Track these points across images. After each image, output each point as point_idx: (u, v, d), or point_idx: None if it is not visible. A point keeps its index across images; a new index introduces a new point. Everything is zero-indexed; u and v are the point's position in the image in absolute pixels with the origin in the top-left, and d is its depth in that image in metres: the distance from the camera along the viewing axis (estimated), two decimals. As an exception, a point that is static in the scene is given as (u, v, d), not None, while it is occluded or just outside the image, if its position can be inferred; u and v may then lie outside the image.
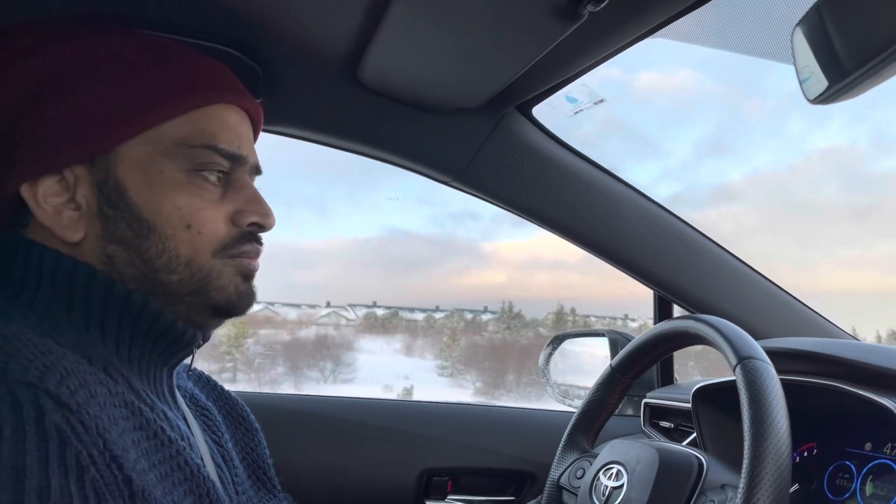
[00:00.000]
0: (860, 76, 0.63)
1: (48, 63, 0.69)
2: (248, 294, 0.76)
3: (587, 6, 0.77)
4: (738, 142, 18.21)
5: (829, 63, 0.66)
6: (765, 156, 19.97)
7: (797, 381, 0.98)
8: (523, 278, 16.83)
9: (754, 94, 17.83)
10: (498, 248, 19.53)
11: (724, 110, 17.10)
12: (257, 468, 0.88)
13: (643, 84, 6.67)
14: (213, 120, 0.73)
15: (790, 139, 19.01)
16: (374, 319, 12.46)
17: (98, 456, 0.54)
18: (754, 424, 0.73)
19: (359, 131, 1.16)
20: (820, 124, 15.80)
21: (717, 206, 22.76)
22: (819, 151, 16.40)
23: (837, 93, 0.67)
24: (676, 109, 14.75)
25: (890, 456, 0.93)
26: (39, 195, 0.68)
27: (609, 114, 7.43)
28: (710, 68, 16.78)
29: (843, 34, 0.64)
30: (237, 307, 0.75)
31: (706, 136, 18.48)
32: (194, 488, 0.64)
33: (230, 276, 0.73)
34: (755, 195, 16.23)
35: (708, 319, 0.88)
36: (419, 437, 1.38)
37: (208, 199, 0.72)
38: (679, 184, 25.89)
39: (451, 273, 16.72)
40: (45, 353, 0.56)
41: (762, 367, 0.78)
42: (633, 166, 8.04)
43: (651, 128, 17.46)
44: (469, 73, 1.00)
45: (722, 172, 19.98)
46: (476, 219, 20.54)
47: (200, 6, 0.91)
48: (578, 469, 1.02)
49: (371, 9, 0.87)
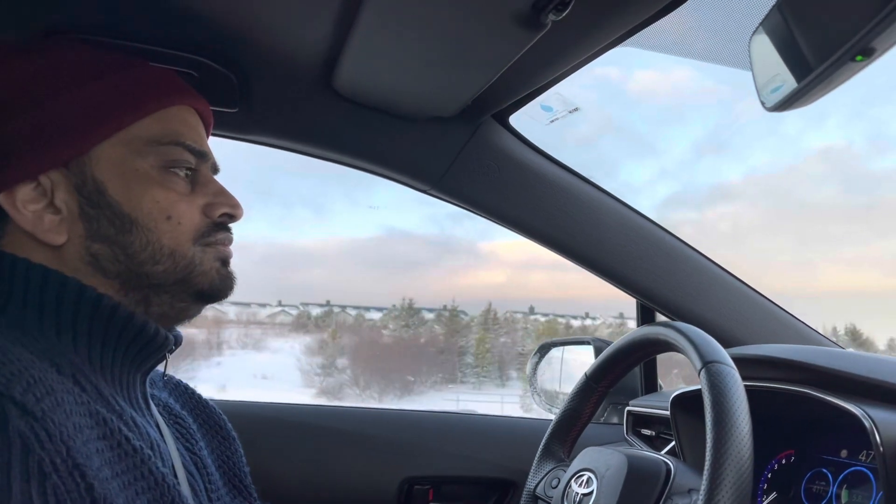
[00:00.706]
0: (812, 81, 0.63)
1: (12, 77, 0.71)
2: (229, 277, 0.80)
3: (549, 15, 0.78)
4: (736, 141, 18.23)
5: (793, 61, 0.66)
6: (762, 155, 20.00)
7: (770, 388, 0.98)
8: (491, 278, 16.74)
9: (751, 93, 17.92)
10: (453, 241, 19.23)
11: (721, 109, 17.12)
12: (233, 476, 0.89)
13: (639, 83, 6.68)
14: (177, 120, 0.77)
15: (787, 138, 19.06)
16: (307, 318, 12.38)
17: (61, 463, 0.55)
18: (716, 426, 0.73)
19: (335, 140, 1.17)
20: (817, 123, 15.57)
21: (714, 205, 22.75)
22: (816, 151, 16.44)
23: (792, 98, 0.67)
24: (673, 108, 14.72)
25: (865, 463, 0.93)
26: (18, 202, 0.69)
27: (605, 114, 7.28)
28: (705, 66, 16.88)
29: (798, 39, 0.65)
30: (220, 290, 0.79)
31: (703, 136, 18.46)
32: (160, 496, 0.65)
33: (210, 261, 0.77)
34: (753, 195, 16.21)
35: (676, 325, 0.88)
36: (401, 445, 1.37)
37: (181, 193, 0.75)
38: (677, 183, 25.79)
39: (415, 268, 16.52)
40: (13, 361, 0.57)
41: (725, 371, 0.78)
42: (629, 166, 8.01)
43: (647, 127, 17.27)
44: (440, 81, 1.00)
45: (719, 172, 19.90)
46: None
47: (175, 17, 0.93)
48: (554, 478, 1.02)
49: (341, 17, 0.88)
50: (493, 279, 15.55)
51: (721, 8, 0.85)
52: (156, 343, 0.74)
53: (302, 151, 1.19)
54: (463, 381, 12.31)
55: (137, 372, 0.75)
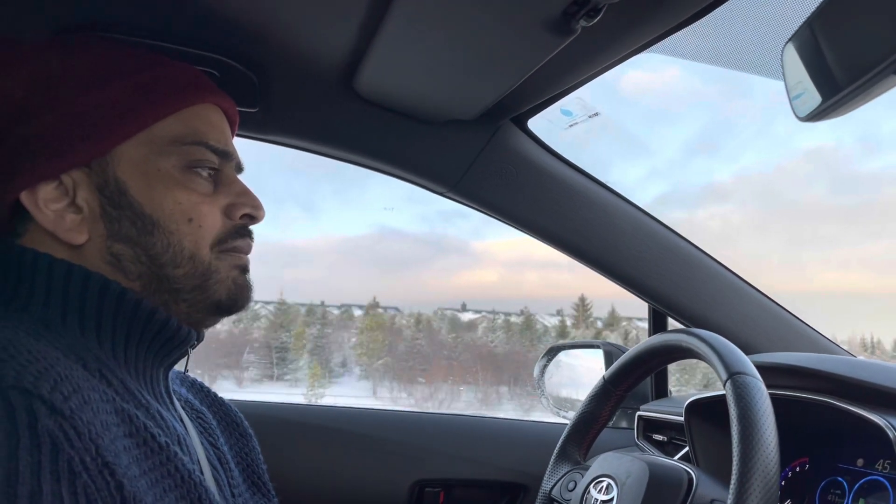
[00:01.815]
0: (848, 94, 0.63)
1: (36, 75, 0.70)
2: (247, 287, 0.79)
3: (580, 21, 0.77)
4: (726, 141, 18.24)
5: (819, 80, 0.66)
6: (752, 155, 20.01)
7: (790, 397, 0.98)
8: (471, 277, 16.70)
9: (741, 94, 17.84)
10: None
11: (712, 109, 17.08)
12: (252, 472, 0.89)
13: (630, 83, 6.63)
14: (200, 119, 0.76)
15: (777, 139, 19.08)
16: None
17: (90, 462, 0.54)
18: (743, 440, 0.73)
19: (354, 141, 1.16)
20: (806, 124, 15.88)
21: (705, 205, 22.76)
22: (805, 151, 16.40)
23: (827, 110, 0.67)
24: (664, 108, 14.64)
25: (882, 472, 0.93)
26: (40, 201, 0.69)
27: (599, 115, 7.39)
28: (696, 67, 16.92)
29: (833, 52, 0.65)
30: (237, 301, 0.78)
31: (694, 136, 18.44)
32: (186, 493, 0.65)
33: (227, 269, 0.76)
34: (743, 195, 16.23)
35: (700, 334, 0.88)
36: (412, 448, 1.37)
37: (203, 194, 0.74)
38: (667, 183, 25.72)
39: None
40: (39, 359, 0.57)
41: (752, 383, 0.78)
42: (621, 165, 7.97)
43: (638, 127, 17.02)
44: (464, 85, 1.00)
45: (710, 172, 19.89)
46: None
47: (198, 16, 0.92)
48: (570, 481, 1.02)
49: (367, 20, 0.88)
50: (486, 278, 15.55)
51: (752, 16, 0.85)
52: (179, 338, 0.74)
53: (320, 152, 1.18)
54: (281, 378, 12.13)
55: (160, 367, 0.75)
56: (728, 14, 0.83)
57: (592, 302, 12.61)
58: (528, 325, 13.05)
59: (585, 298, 13.75)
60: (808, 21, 0.66)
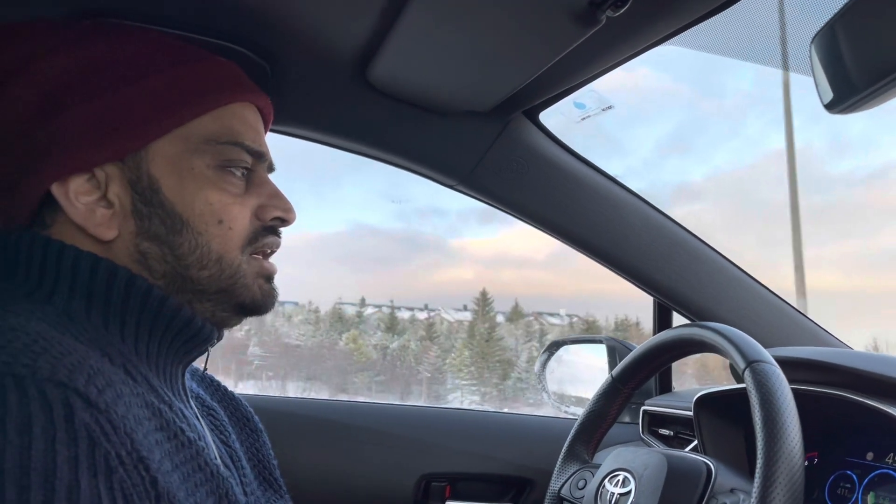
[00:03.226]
0: (873, 92, 0.63)
1: (73, 62, 0.69)
2: (272, 294, 0.78)
3: (606, 11, 0.77)
4: (698, 140, 18.40)
5: (841, 79, 0.67)
6: (724, 155, 20.11)
7: (801, 391, 0.99)
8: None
9: (712, 93, 17.97)
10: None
11: (684, 108, 17.20)
12: (263, 468, 0.88)
13: (603, 79, 6.74)
14: (236, 117, 0.75)
15: (748, 139, 19.20)
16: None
17: (126, 456, 0.54)
18: (766, 426, 0.73)
19: (366, 133, 1.16)
20: (777, 124, 15.60)
21: (680, 204, 22.84)
22: (776, 151, 16.60)
23: (854, 105, 0.67)
24: (637, 106, 14.65)
25: (892, 466, 0.93)
26: (71, 193, 0.68)
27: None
28: (667, 65, 16.77)
29: (857, 52, 0.65)
30: (262, 306, 0.77)
31: (667, 134, 18.46)
32: (215, 489, 0.64)
33: (254, 276, 0.75)
34: (715, 194, 16.33)
35: (714, 326, 0.88)
36: (418, 442, 1.37)
37: (235, 195, 0.73)
38: (643, 182, 25.83)
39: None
40: (71, 352, 0.56)
41: (771, 370, 0.79)
42: (596, 162, 8.16)
43: (614, 124, 17.14)
44: (480, 77, 1.00)
45: (683, 171, 19.98)
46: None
47: (210, 4, 0.91)
48: (580, 480, 1.02)
49: (386, 9, 0.87)
50: (463, 276, 15.60)
51: (771, 10, 0.85)
52: (202, 336, 0.73)
53: (332, 143, 1.17)
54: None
55: (180, 364, 0.74)
56: (748, 8, 0.83)
57: (522, 298, 12.70)
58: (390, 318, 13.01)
59: (487, 293, 13.94)
60: (830, 22, 0.67)
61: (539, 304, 11.59)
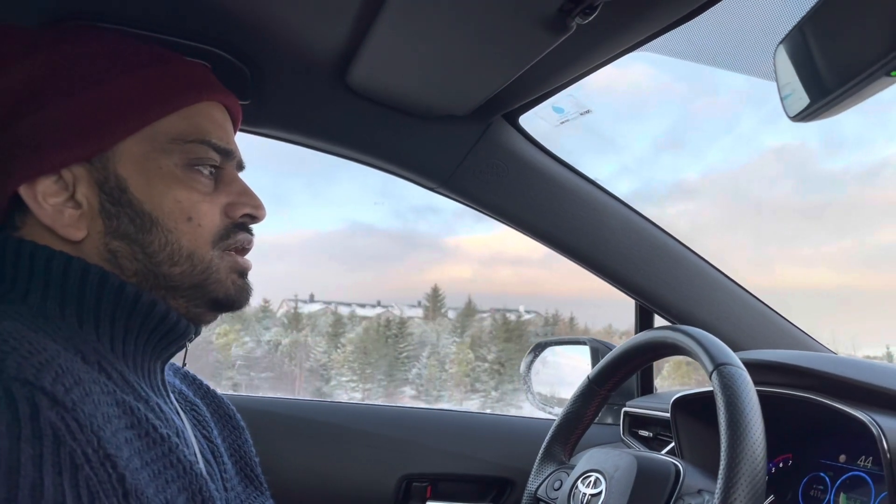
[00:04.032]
0: (840, 95, 0.64)
1: (39, 66, 0.69)
2: (246, 289, 0.78)
3: (575, 19, 0.78)
4: (693, 138, 18.30)
5: (811, 81, 0.67)
6: (719, 153, 20.08)
7: (774, 393, 1.00)
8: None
9: (709, 92, 18.01)
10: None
11: (679, 106, 17.09)
12: (245, 465, 0.89)
13: (597, 77, 6.71)
14: (203, 116, 0.75)
15: (742, 137, 19.15)
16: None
17: (92, 454, 0.54)
18: (730, 427, 0.74)
19: (346, 136, 1.16)
20: (772, 121, 15.43)
21: (674, 203, 22.88)
22: (771, 149, 16.52)
23: (818, 111, 0.68)
24: (632, 105, 14.59)
25: (863, 468, 0.94)
26: (39, 195, 0.68)
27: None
28: (662, 64, 16.78)
29: (825, 54, 0.66)
30: (236, 301, 0.78)
31: (662, 133, 18.40)
32: (187, 485, 0.65)
33: (227, 271, 0.75)
34: (711, 192, 16.31)
35: (684, 329, 0.89)
36: (399, 442, 1.38)
37: (203, 193, 0.74)
38: (638, 180, 25.53)
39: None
40: (40, 351, 0.57)
41: (737, 373, 0.79)
42: (590, 161, 7.96)
43: (608, 122, 16.68)
44: (457, 80, 1.00)
45: (678, 169, 19.88)
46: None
47: (190, 7, 0.91)
48: (556, 480, 1.03)
49: (362, 14, 0.88)
50: (460, 274, 15.51)
51: (744, 16, 0.86)
52: (178, 331, 0.74)
53: (311, 146, 1.18)
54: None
55: (158, 360, 0.75)
56: (721, 14, 0.84)
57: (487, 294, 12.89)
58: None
59: (438, 290, 14.11)
60: (799, 24, 0.67)
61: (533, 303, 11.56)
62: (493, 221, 1.30)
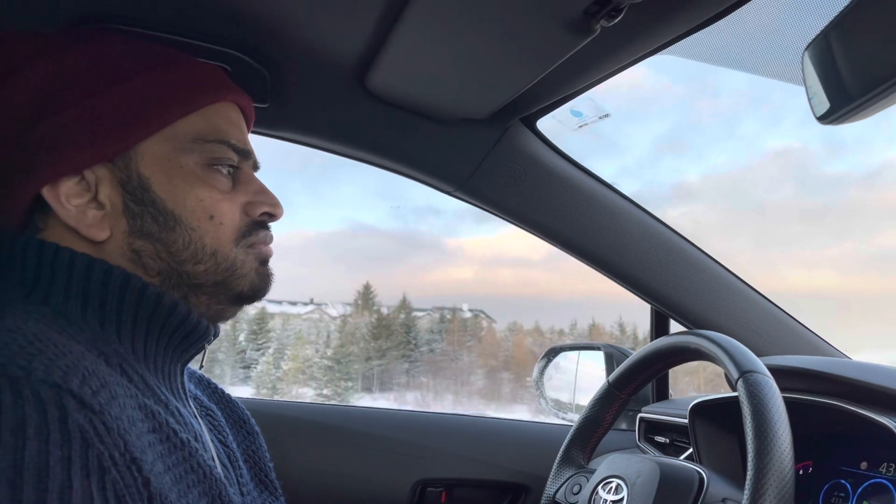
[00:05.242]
0: (866, 101, 0.63)
1: (60, 67, 0.70)
2: (268, 277, 0.79)
3: (600, 21, 0.77)
4: (695, 140, 18.32)
5: (835, 88, 0.67)
6: (720, 155, 20.13)
7: (796, 399, 0.99)
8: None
9: (710, 94, 18.05)
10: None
11: (680, 109, 17.09)
12: (259, 470, 0.89)
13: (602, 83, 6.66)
14: (222, 116, 0.76)
15: (744, 139, 19.19)
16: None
17: (119, 457, 0.54)
18: (757, 437, 0.74)
19: (364, 139, 1.16)
20: (774, 124, 15.43)
21: (675, 205, 22.97)
22: (773, 151, 16.51)
23: (845, 115, 0.68)
24: (633, 106, 14.56)
25: (886, 475, 0.93)
26: (62, 196, 0.69)
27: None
28: (663, 66, 16.80)
29: (851, 60, 0.65)
30: (260, 291, 0.78)
31: (663, 134, 18.45)
32: (208, 490, 0.65)
33: (251, 263, 0.76)
34: (712, 194, 16.35)
35: (708, 335, 0.88)
36: (414, 447, 1.37)
37: (223, 191, 0.75)
38: (639, 182, 25.65)
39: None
40: (66, 353, 0.57)
41: (764, 381, 0.79)
42: (591, 163, 8.11)
43: (609, 124, 16.87)
44: (477, 84, 1.00)
45: (679, 171, 19.92)
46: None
47: (210, 10, 0.92)
48: (575, 485, 1.02)
49: (383, 18, 0.88)
50: (460, 275, 15.57)
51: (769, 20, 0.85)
52: (198, 333, 0.74)
53: (330, 149, 1.18)
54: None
55: (178, 362, 0.75)
56: (746, 17, 0.84)
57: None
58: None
59: (370, 286, 14.33)
60: (824, 30, 0.67)
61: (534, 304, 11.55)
62: (496, 222, 1.29)
